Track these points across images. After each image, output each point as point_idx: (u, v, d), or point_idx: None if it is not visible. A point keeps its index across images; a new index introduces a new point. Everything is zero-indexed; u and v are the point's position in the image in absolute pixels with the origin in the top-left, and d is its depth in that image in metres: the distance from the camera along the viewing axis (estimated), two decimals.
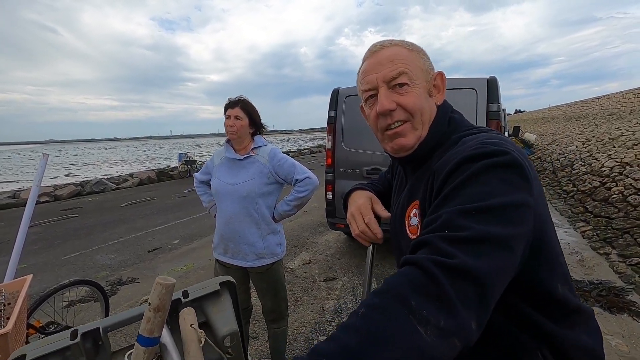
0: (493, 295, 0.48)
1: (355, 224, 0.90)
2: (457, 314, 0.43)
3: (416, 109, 0.70)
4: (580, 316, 0.64)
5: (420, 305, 0.43)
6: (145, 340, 0.47)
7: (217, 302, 0.61)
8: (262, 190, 1.78)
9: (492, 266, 0.47)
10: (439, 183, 0.60)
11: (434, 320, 0.42)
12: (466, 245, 0.48)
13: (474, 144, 0.60)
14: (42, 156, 1.77)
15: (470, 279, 0.45)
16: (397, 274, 0.49)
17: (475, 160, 0.56)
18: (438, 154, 0.69)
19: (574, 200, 6.36)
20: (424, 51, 0.75)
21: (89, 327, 0.55)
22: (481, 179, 0.54)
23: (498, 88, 3.19)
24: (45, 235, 6.03)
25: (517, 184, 0.54)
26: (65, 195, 10.61)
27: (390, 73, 0.69)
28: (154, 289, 0.46)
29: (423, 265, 0.47)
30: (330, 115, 3.93)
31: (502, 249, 0.49)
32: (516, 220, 0.51)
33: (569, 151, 10.46)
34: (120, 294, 3.62)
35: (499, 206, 0.51)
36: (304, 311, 3.03)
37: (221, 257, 1.88)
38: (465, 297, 0.44)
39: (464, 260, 0.46)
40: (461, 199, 0.53)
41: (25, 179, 20.19)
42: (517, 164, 0.55)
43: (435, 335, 0.41)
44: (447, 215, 0.52)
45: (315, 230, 5.49)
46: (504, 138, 0.62)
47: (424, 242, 0.52)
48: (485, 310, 0.46)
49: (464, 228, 0.49)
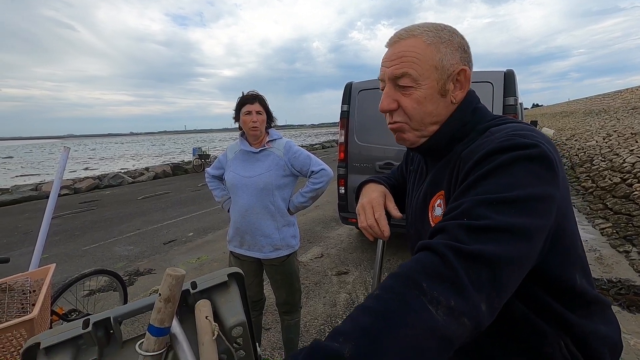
0: (507, 282, 0.48)
1: (364, 216, 0.89)
2: (467, 295, 0.44)
3: (415, 113, 0.69)
4: (598, 307, 0.64)
5: (431, 286, 0.44)
6: (156, 330, 0.48)
7: (225, 293, 0.62)
8: (279, 182, 1.80)
9: (508, 253, 0.47)
10: (464, 172, 0.60)
11: (444, 300, 0.43)
12: (484, 233, 0.48)
13: (503, 135, 0.59)
14: (64, 150, 1.83)
15: (483, 264, 0.46)
16: (413, 258, 0.50)
17: (504, 152, 0.55)
18: (463, 144, 0.68)
19: (592, 196, 6.18)
20: (451, 41, 0.69)
21: (101, 317, 0.57)
22: (508, 171, 0.53)
23: (515, 81, 3.12)
24: (66, 227, 6.24)
25: (545, 177, 0.53)
26: (84, 189, 10.92)
27: (395, 72, 0.68)
28: (164, 280, 0.47)
29: (437, 250, 0.48)
30: (343, 110, 3.91)
31: (521, 239, 0.49)
32: (540, 212, 0.51)
33: (589, 146, 10.15)
34: (137, 284, 3.72)
35: (523, 198, 0.50)
36: (316, 304, 3.06)
37: (236, 250, 1.90)
38: (477, 280, 0.45)
39: (480, 247, 0.47)
40: (484, 188, 0.53)
41: (45, 173, 20.86)
42: (546, 157, 0.54)
43: (446, 314, 0.43)
44: (468, 204, 0.52)
45: (328, 225, 5.51)
46: (534, 129, 0.61)
47: (441, 229, 0.52)
48: (497, 294, 0.47)
49: (483, 217, 0.50)
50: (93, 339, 0.54)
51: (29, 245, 5.23)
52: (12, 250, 5.07)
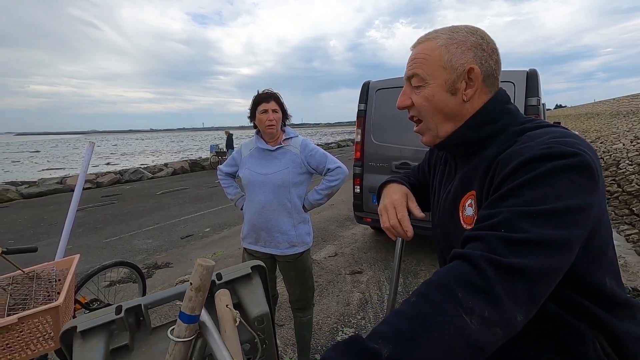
0: (543, 292, 0.49)
1: (387, 216, 0.90)
2: (502, 307, 0.46)
3: (422, 110, 0.72)
4: (630, 309, 0.63)
5: (466, 296, 0.46)
6: (187, 317, 0.50)
7: (249, 284, 0.64)
8: (295, 179, 1.81)
9: (545, 266, 0.48)
10: (501, 176, 0.59)
11: (478, 310, 0.45)
12: (522, 246, 0.49)
13: (544, 142, 0.57)
14: (89, 145, 1.90)
15: (520, 277, 0.47)
16: (448, 267, 0.51)
17: (546, 161, 0.54)
18: (497, 146, 0.67)
19: (618, 201, 5.97)
20: (467, 41, 0.70)
21: (132, 304, 0.60)
22: (548, 181, 0.53)
23: (538, 81, 3.04)
24: (88, 220, 6.44)
25: (586, 187, 0.53)
26: (106, 183, 11.25)
27: (407, 73, 0.74)
28: (196, 269, 0.49)
29: (474, 261, 0.49)
30: (360, 109, 3.90)
31: (558, 252, 0.50)
32: (578, 223, 0.51)
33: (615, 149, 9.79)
34: (155, 277, 3.82)
35: (563, 210, 0.51)
36: (330, 302, 3.07)
37: (251, 247, 1.92)
38: (512, 293, 0.47)
39: (517, 261, 0.48)
40: (524, 198, 0.53)
41: (70, 167, 21.58)
42: (588, 166, 0.53)
43: (479, 323, 0.45)
44: (506, 214, 0.52)
45: (342, 224, 5.51)
46: (574, 135, 0.60)
47: (477, 237, 0.53)
48: (533, 306, 0.49)
49: (522, 230, 0.50)
50: (125, 324, 0.57)
51: (54, 236, 5.43)
52: (39, 240, 5.28)
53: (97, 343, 0.56)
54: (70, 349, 0.57)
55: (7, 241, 5.29)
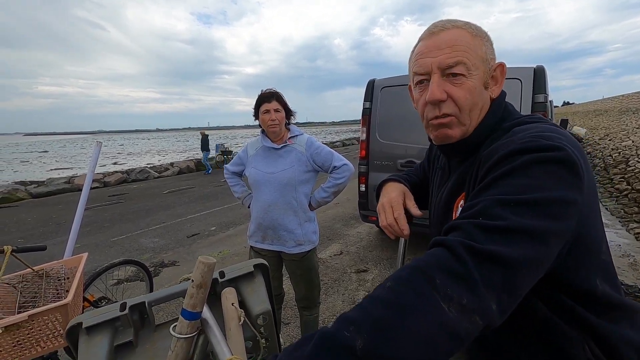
0: (520, 284, 0.48)
1: (384, 215, 0.90)
2: (478, 293, 0.44)
3: (467, 104, 0.66)
4: (625, 312, 0.62)
5: (444, 282, 0.44)
6: (189, 314, 0.51)
7: (252, 282, 0.64)
8: (301, 177, 1.82)
9: (522, 255, 0.47)
10: (484, 170, 0.59)
11: (456, 297, 0.44)
12: (499, 234, 0.48)
13: (526, 136, 0.57)
14: (96, 144, 1.92)
15: (497, 264, 0.46)
16: (426, 253, 0.50)
17: (525, 153, 0.53)
18: (487, 144, 0.67)
19: (627, 199, 5.89)
20: (489, 36, 0.69)
21: (136, 301, 0.61)
22: (528, 172, 0.52)
23: (545, 78, 3.00)
24: (96, 219, 6.52)
25: (567, 181, 0.51)
26: (113, 182, 11.37)
27: (447, 61, 0.65)
28: (197, 267, 0.49)
29: (451, 247, 0.48)
30: (365, 107, 3.88)
31: (536, 242, 0.48)
32: (559, 216, 0.50)
33: (624, 146, 9.64)
34: (162, 275, 3.85)
35: (543, 200, 0.49)
36: (335, 301, 3.08)
37: (258, 245, 1.93)
38: (489, 279, 0.45)
39: (494, 248, 0.46)
40: (503, 189, 0.52)
41: (78, 167, 21.84)
42: (570, 160, 0.52)
43: (457, 310, 0.43)
44: (484, 203, 0.51)
45: (347, 222, 5.50)
46: (559, 130, 0.59)
47: (456, 226, 0.52)
48: (509, 295, 0.47)
49: (500, 217, 0.49)
50: (129, 321, 0.58)
51: (62, 235, 5.51)
52: (47, 239, 5.35)
53: (102, 339, 0.57)
54: (76, 344, 0.58)
55: (17, 240, 5.38)
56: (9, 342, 1.25)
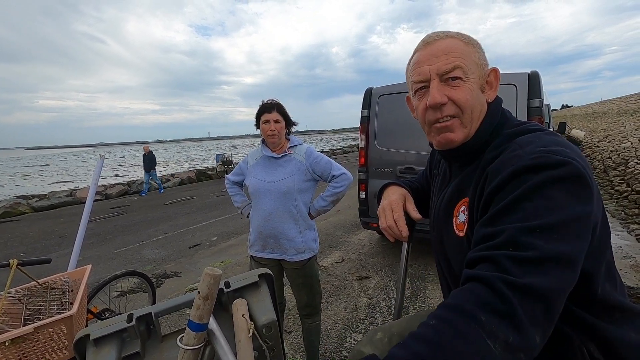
0: (558, 309, 0.49)
1: (384, 217, 0.92)
2: (524, 331, 0.45)
3: (467, 105, 0.69)
4: (626, 314, 0.62)
5: (489, 320, 0.45)
6: (196, 325, 0.52)
7: (257, 292, 0.66)
8: (301, 186, 1.84)
9: (558, 283, 0.48)
10: (490, 188, 0.59)
11: (502, 335, 0.45)
12: (533, 265, 0.49)
13: (533, 151, 0.57)
14: (99, 157, 1.94)
15: (537, 298, 0.47)
16: (464, 290, 0.51)
17: (536, 172, 0.54)
18: (489, 150, 0.68)
19: (627, 201, 5.88)
20: (480, 45, 0.74)
21: (143, 312, 0.62)
22: (543, 193, 0.53)
23: (540, 83, 3.04)
24: (98, 231, 6.53)
25: (581, 196, 0.53)
26: (115, 194, 11.41)
27: (445, 66, 0.68)
28: (203, 279, 0.51)
29: (490, 283, 0.49)
30: (364, 115, 3.92)
31: (567, 267, 0.50)
32: (581, 234, 0.52)
33: (623, 148, 9.66)
34: (164, 286, 3.85)
35: (563, 221, 0.51)
36: (337, 308, 3.07)
37: (258, 254, 1.94)
38: (532, 315, 0.46)
39: (532, 280, 0.48)
40: (524, 213, 0.53)
41: (79, 179, 21.88)
42: (580, 174, 0.53)
43: (503, 348, 0.44)
44: (511, 232, 0.52)
45: (348, 230, 5.50)
46: (560, 140, 0.61)
47: (487, 258, 0.52)
48: (549, 325, 0.48)
49: (530, 247, 0.50)
50: (136, 332, 0.59)
51: (65, 247, 5.51)
52: (50, 252, 5.36)
53: (110, 351, 0.58)
54: (83, 356, 0.59)
55: (20, 253, 5.39)
56: (15, 355, 1.26)
